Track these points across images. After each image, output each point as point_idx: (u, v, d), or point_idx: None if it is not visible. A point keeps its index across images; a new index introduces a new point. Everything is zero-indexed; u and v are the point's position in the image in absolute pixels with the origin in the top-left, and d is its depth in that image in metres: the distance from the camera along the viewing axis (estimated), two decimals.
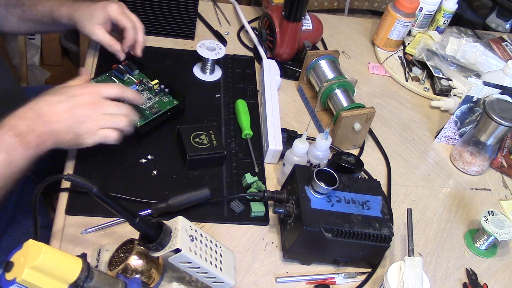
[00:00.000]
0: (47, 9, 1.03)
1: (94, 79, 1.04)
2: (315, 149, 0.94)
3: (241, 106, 1.08)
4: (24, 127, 0.77)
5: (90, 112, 0.82)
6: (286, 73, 1.23)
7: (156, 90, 1.05)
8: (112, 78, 1.05)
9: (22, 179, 1.05)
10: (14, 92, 1.07)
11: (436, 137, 1.17)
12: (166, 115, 1.02)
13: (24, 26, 1.08)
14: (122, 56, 1.04)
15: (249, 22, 1.33)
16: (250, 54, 1.26)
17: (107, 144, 0.85)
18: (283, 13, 1.15)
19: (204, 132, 0.98)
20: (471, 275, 0.93)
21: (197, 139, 0.97)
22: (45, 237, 0.81)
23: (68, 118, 0.80)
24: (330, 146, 0.96)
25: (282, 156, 0.99)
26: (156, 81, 1.06)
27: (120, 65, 1.06)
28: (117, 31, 1.06)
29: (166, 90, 1.05)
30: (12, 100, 1.02)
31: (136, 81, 1.06)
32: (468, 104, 1.10)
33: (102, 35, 1.01)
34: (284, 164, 0.96)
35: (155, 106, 1.02)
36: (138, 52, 1.06)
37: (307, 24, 1.23)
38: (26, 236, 0.98)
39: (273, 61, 1.18)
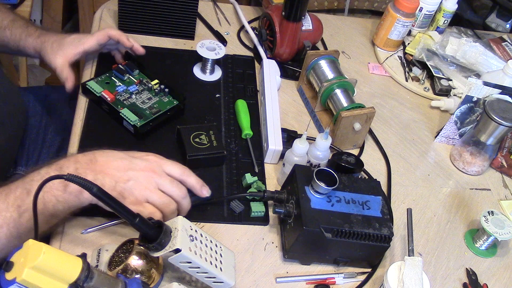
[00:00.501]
0: (15, 37, 1.03)
1: (94, 79, 1.04)
2: (315, 149, 0.94)
3: (241, 106, 1.08)
4: (72, 169, 0.73)
5: (145, 178, 0.76)
6: (286, 73, 1.23)
7: (156, 90, 1.05)
8: (112, 78, 1.05)
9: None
10: (7, 92, 1.06)
11: (436, 137, 1.17)
12: (166, 115, 1.02)
13: None
14: (68, 88, 1.01)
15: (249, 22, 1.33)
16: (250, 54, 1.26)
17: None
18: (283, 13, 1.15)
19: (204, 132, 0.98)
20: (471, 275, 0.93)
21: (197, 139, 0.97)
22: (45, 237, 0.81)
23: (119, 174, 0.74)
24: (330, 146, 0.96)
25: (282, 156, 0.99)
26: (156, 81, 1.06)
27: (120, 65, 1.06)
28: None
29: (166, 90, 1.05)
30: (6, 100, 1.02)
31: (136, 81, 1.06)
32: (468, 104, 1.10)
33: (62, 72, 0.99)
34: (284, 164, 0.96)
35: (155, 106, 1.02)
36: (140, 50, 1.07)
37: (307, 24, 1.23)
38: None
39: (273, 61, 1.18)
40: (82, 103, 1.03)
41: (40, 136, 1.17)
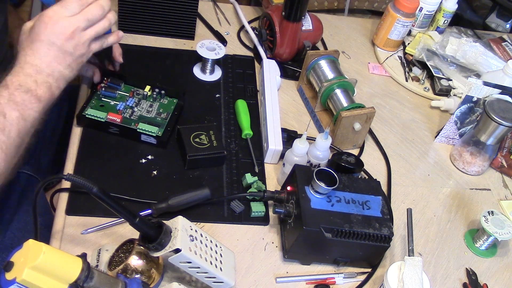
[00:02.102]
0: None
1: (87, 106, 0.98)
2: (315, 149, 0.94)
3: (241, 106, 1.08)
4: (32, 84, 0.77)
5: (73, 39, 0.80)
6: (286, 73, 1.23)
7: (154, 95, 1.03)
8: (103, 99, 1.00)
9: (24, 178, 1.06)
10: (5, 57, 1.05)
11: (436, 137, 1.17)
12: (175, 115, 1.01)
13: None
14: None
15: (249, 22, 1.33)
16: (250, 54, 1.26)
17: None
18: (283, 13, 1.15)
19: (204, 132, 0.98)
20: (471, 275, 0.93)
21: (197, 139, 0.97)
22: (45, 237, 0.81)
23: (61, 58, 0.80)
24: (330, 146, 0.96)
25: (282, 156, 0.99)
26: (148, 87, 1.04)
27: (104, 84, 1.02)
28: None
29: (162, 92, 1.04)
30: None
31: (128, 94, 1.03)
32: (468, 104, 1.10)
33: None
34: (284, 164, 0.96)
35: (161, 110, 1.02)
36: (118, 59, 1.02)
37: (307, 24, 1.23)
38: (29, 235, 0.99)
39: (273, 61, 1.18)
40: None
41: (40, 134, 1.17)
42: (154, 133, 0.97)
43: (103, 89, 1.01)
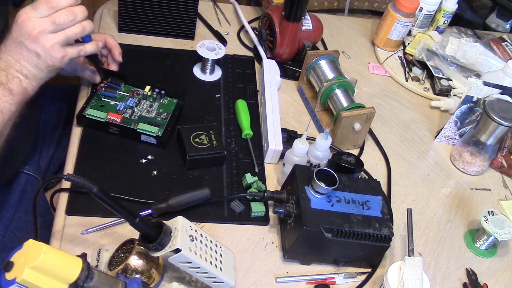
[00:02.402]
0: None
1: (87, 106, 0.98)
2: (315, 149, 0.94)
3: (241, 106, 1.08)
4: (3, 78, 0.80)
5: (40, 40, 0.81)
6: (286, 73, 1.23)
7: (154, 95, 1.03)
8: (103, 99, 1.00)
9: (24, 178, 1.06)
10: None
11: (436, 137, 1.17)
12: (175, 115, 1.01)
13: None
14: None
15: (249, 22, 1.33)
16: (250, 54, 1.26)
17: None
18: (283, 13, 1.15)
19: (204, 132, 0.98)
20: (471, 275, 0.93)
21: (197, 139, 0.97)
22: (45, 237, 0.81)
23: (28, 58, 0.81)
24: (330, 146, 0.96)
25: (282, 156, 0.99)
26: (148, 87, 1.04)
27: (104, 85, 1.02)
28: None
29: (162, 92, 1.04)
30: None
31: (128, 94, 1.03)
32: (468, 104, 1.10)
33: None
34: (284, 164, 0.96)
35: (161, 110, 1.02)
36: (118, 58, 1.03)
37: (307, 24, 1.23)
38: (29, 235, 0.99)
39: (273, 61, 1.18)
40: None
41: (40, 134, 1.17)
42: (154, 133, 0.97)
43: (103, 89, 1.01)
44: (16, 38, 0.81)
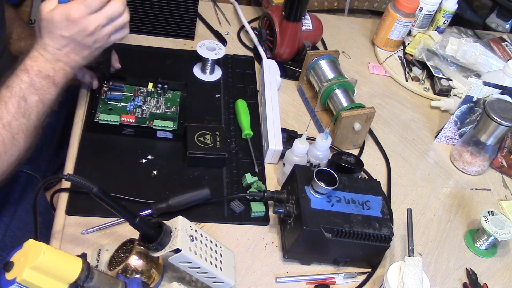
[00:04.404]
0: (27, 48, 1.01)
1: (97, 111, 0.97)
2: (315, 149, 0.94)
3: (241, 106, 1.08)
4: (51, 72, 0.83)
5: (95, 36, 0.83)
6: (286, 73, 1.23)
7: (158, 91, 1.04)
8: (109, 102, 1.00)
9: (24, 178, 1.06)
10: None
11: (436, 137, 1.17)
12: (182, 107, 1.02)
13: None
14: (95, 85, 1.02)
15: (249, 22, 1.33)
16: (250, 54, 1.26)
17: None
18: (283, 13, 1.15)
19: (210, 132, 0.98)
20: (471, 275, 0.93)
21: (201, 138, 0.97)
22: (45, 237, 0.81)
23: (81, 50, 0.84)
24: (330, 146, 0.96)
25: (282, 156, 0.99)
26: (151, 84, 1.04)
27: (106, 88, 1.01)
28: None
29: (165, 86, 1.04)
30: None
31: (133, 94, 1.03)
32: (468, 104, 1.10)
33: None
34: (284, 164, 0.96)
35: (168, 104, 1.02)
36: (116, 65, 1.03)
37: (307, 24, 1.23)
38: (29, 235, 0.99)
39: (273, 61, 1.18)
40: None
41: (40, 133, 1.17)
42: (170, 127, 0.97)
43: (109, 92, 1.01)
44: (67, 35, 0.82)
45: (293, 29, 1.17)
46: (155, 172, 0.95)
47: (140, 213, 0.85)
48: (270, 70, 1.15)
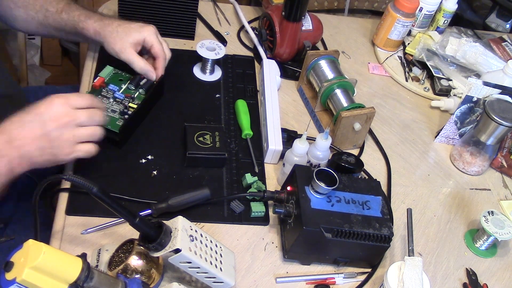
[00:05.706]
0: (72, 19, 0.99)
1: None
2: (315, 149, 0.94)
3: (241, 106, 1.08)
4: None
5: (62, 129, 0.77)
6: (286, 73, 1.23)
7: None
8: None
9: (23, 178, 1.06)
10: (13, 94, 1.06)
11: (436, 137, 1.17)
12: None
13: (44, 30, 1.05)
14: (154, 78, 1.01)
15: (249, 22, 1.33)
16: (250, 54, 1.26)
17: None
18: (283, 13, 1.15)
19: (209, 132, 0.98)
20: (471, 275, 0.93)
21: (200, 138, 0.97)
22: (45, 237, 0.81)
23: (39, 139, 0.76)
24: (330, 146, 0.96)
25: (282, 156, 0.99)
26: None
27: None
28: (144, 53, 1.02)
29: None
30: (11, 102, 1.03)
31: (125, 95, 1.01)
32: (468, 104, 1.10)
33: (136, 60, 0.98)
34: (284, 164, 0.96)
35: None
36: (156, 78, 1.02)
37: (307, 24, 1.23)
38: (26, 236, 0.98)
39: (273, 61, 1.18)
40: None
41: None
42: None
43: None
44: (36, 115, 0.76)
45: (293, 29, 1.17)
46: (155, 172, 0.95)
47: (140, 213, 0.86)
48: (270, 70, 1.15)
